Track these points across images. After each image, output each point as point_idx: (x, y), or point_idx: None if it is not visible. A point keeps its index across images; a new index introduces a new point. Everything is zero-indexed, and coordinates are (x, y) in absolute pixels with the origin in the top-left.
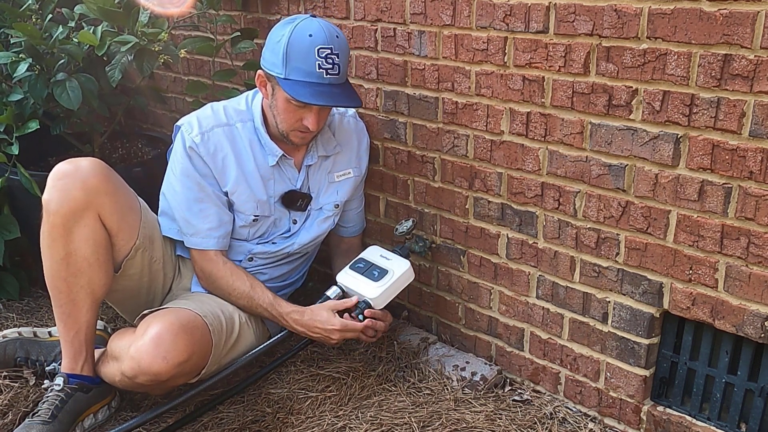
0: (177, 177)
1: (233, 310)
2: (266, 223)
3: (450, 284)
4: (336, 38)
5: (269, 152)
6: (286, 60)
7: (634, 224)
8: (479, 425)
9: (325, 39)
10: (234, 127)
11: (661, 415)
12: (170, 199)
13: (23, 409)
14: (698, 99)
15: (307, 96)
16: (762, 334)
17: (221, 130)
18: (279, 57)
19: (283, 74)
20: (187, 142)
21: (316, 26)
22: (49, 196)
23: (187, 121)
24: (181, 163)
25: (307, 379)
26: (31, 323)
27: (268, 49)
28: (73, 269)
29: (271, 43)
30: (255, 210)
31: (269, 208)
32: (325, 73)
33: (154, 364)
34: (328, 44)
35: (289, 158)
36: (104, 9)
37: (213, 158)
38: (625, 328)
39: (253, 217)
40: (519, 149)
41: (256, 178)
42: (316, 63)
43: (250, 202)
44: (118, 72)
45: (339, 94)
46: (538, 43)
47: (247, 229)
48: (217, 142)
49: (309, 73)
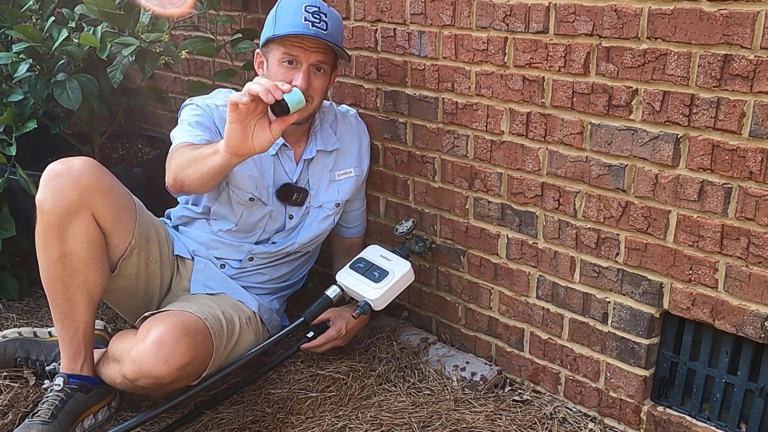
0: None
1: (233, 312)
2: (261, 211)
3: (450, 284)
4: (324, 3)
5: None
6: (276, 19)
7: (634, 224)
8: (479, 425)
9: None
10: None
11: (661, 416)
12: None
13: (23, 409)
14: (698, 99)
15: (290, 28)
16: (762, 334)
17: None
18: (270, 21)
19: (272, 33)
20: (200, 104)
21: None
22: (42, 196)
23: (197, 98)
24: (194, 110)
25: (307, 379)
26: (31, 323)
27: (263, 26)
28: (68, 269)
29: (266, 20)
30: (254, 190)
31: (267, 196)
32: (311, 25)
33: (155, 368)
34: (315, 4)
35: (289, 149)
36: (105, 10)
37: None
38: (625, 328)
39: (249, 197)
40: (519, 149)
41: (259, 163)
42: (303, 16)
43: (252, 181)
44: (120, 73)
45: (324, 43)
46: (538, 43)
47: (241, 208)
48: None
49: (295, 24)
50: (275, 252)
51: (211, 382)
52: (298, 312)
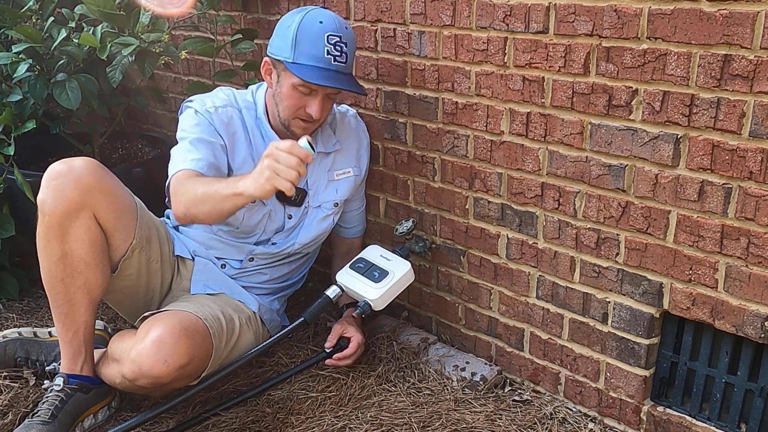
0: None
1: (233, 312)
2: (260, 212)
3: (450, 284)
4: (345, 29)
5: (269, 142)
6: (296, 44)
7: (634, 224)
8: (479, 425)
9: (335, 27)
10: (242, 111)
11: (661, 416)
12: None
13: (23, 409)
14: (698, 99)
15: (315, 77)
16: (762, 335)
17: (233, 110)
18: (288, 41)
19: (291, 58)
20: (200, 109)
21: (326, 15)
22: (44, 197)
23: (198, 98)
24: (193, 118)
25: (307, 379)
26: (31, 323)
27: (277, 36)
28: (69, 269)
29: (280, 29)
30: None
31: None
32: (333, 59)
33: (155, 368)
34: (337, 32)
35: None
36: (105, 10)
37: (226, 129)
38: (625, 328)
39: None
40: (519, 149)
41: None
42: (325, 49)
43: None
44: (119, 73)
45: (345, 80)
46: (538, 43)
47: (242, 211)
48: (230, 118)
49: (318, 57)
50: (275, 253)
51: (212, 382)
52: (298, 312)
